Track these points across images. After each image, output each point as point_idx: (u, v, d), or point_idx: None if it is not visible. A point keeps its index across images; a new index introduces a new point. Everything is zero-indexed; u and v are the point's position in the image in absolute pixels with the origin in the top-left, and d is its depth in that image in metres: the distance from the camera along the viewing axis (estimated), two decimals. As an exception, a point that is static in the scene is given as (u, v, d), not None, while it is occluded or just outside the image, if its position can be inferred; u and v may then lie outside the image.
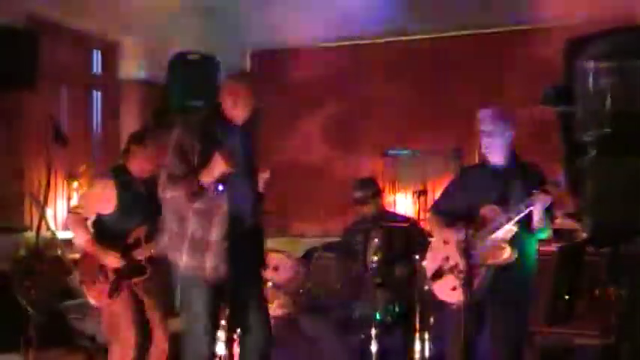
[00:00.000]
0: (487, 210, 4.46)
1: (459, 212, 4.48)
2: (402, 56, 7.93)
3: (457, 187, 4.66)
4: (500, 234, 4.37)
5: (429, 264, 4.71)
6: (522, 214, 4.32)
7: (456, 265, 4.47)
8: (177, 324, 5.35)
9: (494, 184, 4.51)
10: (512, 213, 4.35)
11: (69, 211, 5.12)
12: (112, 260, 4.86)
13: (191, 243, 4.18)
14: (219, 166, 4.04)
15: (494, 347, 4.45)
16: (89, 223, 5.02)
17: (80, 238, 4.96)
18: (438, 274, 4.60)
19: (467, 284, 4.03)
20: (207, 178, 4.07)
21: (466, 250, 4.17)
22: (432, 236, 4.89)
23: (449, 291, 4.52)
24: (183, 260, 4.19)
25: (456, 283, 4.41)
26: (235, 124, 4.24)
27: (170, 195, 4.14)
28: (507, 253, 4.35)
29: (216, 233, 4.13)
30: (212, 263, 4.14)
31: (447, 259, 4.54)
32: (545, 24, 6.95)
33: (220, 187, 4.08)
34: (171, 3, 7.13)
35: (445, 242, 4.59)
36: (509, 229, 4.35)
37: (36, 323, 4.57)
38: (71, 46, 7.18)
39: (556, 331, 5.25)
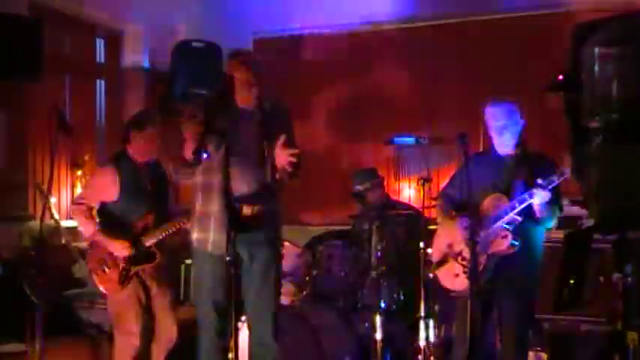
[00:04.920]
0: (493, 198, 4.46)
1: (466, 200, 4.47)
2: (407, 43, 7.90)
3: (464, 175, 4.64)
4: (503, 223, 4.37)
5: (435, 251, 4.73)
6: (525, 204, 4.31)
7: (460, 253, 4.48)
8: (185, 312, 5.35)
9: (500, 172, 4.51)
10: (516, 202, 4.34)
11: (73, 203, 5.09)
12: (120, 248, 4.85)
13: (198, 217, 4.26)
14: (190, 133, 4.07)
15: (501, 334, 4.46)
16: (94, 212, 5.01)
17: (86, 228, 4.96)
18: (443, 261, 4.61)
19: (471, 272, 4.03)
20: (187, 150, 4.09)
21: (470, 238, 4.16)
22: (436, 224, 4.89)
23: (452, 277, 4.53)
24: (194, 235, 4.29)
25: (459, 270, 4.42)
26: (242, 109, 4.22)
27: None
28: (510, 242, 4.34)
29: (215, 207, 4.16)
30: (213, 237, 4.18)
31: (452, 245, 4.55)
32: (555, 9, 6.94)
33: (204, 155, 4.07)
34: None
35: (450, 230, 4.59)
36: (512, 217, 4.35)
37: (41, 312, 4.56)
38: (75, 35, 7.16)
39: (563, 318, 5.26)
